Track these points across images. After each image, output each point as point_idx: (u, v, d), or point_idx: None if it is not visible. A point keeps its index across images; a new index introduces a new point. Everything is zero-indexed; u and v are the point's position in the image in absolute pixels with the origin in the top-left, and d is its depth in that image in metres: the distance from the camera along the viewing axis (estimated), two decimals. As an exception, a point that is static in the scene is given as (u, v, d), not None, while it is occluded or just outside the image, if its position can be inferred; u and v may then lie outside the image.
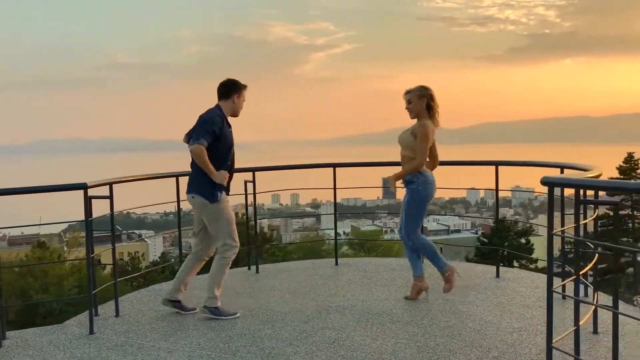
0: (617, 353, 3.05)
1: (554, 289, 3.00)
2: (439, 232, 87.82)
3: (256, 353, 3.89)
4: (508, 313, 4.60)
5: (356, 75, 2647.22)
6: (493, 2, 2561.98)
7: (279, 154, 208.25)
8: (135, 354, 3.97)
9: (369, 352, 3.84)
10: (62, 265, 23.11)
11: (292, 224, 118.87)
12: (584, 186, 2.81)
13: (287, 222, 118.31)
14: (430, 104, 4.92)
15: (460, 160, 5.80)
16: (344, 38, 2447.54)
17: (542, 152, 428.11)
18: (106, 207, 4.75)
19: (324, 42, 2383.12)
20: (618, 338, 3.09)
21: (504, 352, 3.77)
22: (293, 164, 6.54)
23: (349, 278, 5.95)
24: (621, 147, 49.49)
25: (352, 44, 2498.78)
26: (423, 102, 4.92)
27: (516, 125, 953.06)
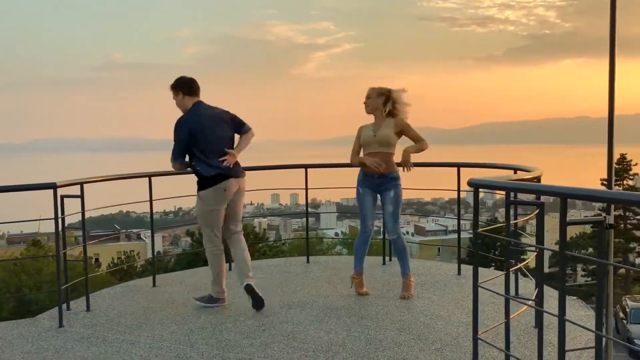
0: (542, 345, 3.26)
1: (480, 284, 3.20)
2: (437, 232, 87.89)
3: (213, 344, 4.10)
4: (460, 308, 4.81)
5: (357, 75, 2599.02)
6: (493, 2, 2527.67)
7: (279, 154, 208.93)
8: (99, 346, 4.17)
9: (319, 344, 4.05)
10: (56, 264, 23.28)
11: (291, 224, 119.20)
12: (505, 188, 3.01)
13: (287, 221, 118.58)
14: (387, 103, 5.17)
15: (422, 162, 6.00)
16: (345, 38, 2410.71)
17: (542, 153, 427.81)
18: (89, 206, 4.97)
19: (324, 41, 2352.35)
20: (543, 330, 3.30)
21: (446, 344, 3.98)
22: (265, 165, 6.72)
23: (317, 275, 6.16)
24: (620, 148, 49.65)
25: (353, 43, 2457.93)
26: (381, 100, 5.18)
27: (516, 126, 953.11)
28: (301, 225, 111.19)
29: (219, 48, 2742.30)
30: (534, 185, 2.73)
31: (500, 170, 5.30)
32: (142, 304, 5.25)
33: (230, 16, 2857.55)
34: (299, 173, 7.75)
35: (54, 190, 4.60)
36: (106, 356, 3.96)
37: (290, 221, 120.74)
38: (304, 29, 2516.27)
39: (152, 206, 5.90)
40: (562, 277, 2.55)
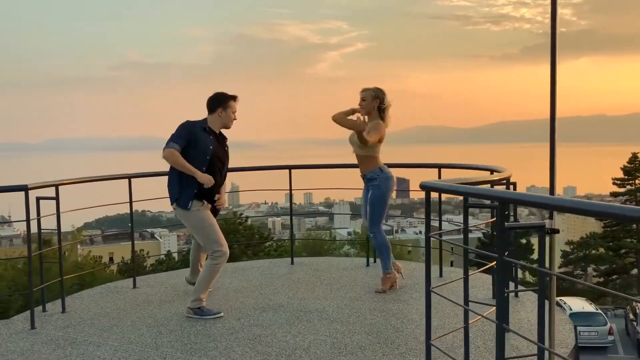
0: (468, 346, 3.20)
1: (432, 289, 3.15)
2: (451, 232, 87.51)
3: (177, 347, 4.08)
4: (434, 312, 4.72)
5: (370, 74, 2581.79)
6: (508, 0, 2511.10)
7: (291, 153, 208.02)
8: (65, 348, 4.17)
9: (283, 347, 4.01)
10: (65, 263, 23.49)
11: (305, 223, 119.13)
12: (454, 192, 2.95)
13: (300, 221, 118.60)
14: (381, 106, 5.23)
15: (405, 163, 5.95)
16: (358, 37, 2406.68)
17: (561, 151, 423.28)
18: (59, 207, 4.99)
19: (337, 41, 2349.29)
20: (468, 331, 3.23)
21: (411, 349, 3.92)
22: (250, 166, 6.69)
23: (299, 277, 6.12)
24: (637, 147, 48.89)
25: (366, 43, 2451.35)
26: (376, 103, 5.24)
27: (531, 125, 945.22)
28: (314, 224, 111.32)
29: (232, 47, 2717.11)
30: (476, 189, 2.67)
31: (476, 172, 5.23)
32: (119, 305, 5.25)
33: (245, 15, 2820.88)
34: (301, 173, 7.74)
35: (25, 193, 4.61)
36: (70, 358, 3.96)
37: (304, 220, 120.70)
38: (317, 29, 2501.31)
39: (132, 207, 5.90)
40: (502, 281, 2.49)
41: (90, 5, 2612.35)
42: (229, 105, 4.87)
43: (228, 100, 4.87)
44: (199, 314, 4.77)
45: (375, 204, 5.25)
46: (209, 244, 4.80)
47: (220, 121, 4.88)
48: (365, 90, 5.29)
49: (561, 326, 4.30)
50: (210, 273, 4.81)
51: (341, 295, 5.34)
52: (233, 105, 4.90)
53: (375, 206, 5.26)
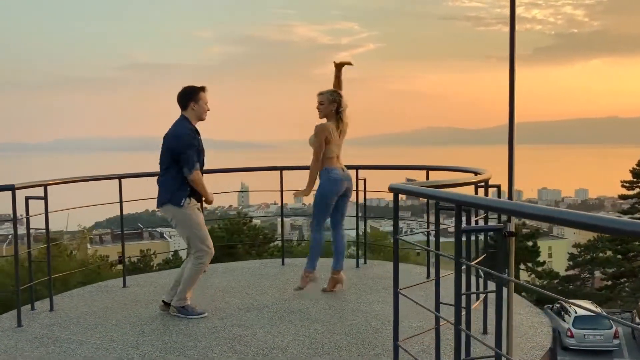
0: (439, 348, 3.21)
1: (399, 290, 3.17)
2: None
3: (157, 346, 4.13)
4: (414, 313, 4.73)
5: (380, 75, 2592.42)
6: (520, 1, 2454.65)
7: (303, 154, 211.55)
8: (48, 346, 4.24)
9: (262, 347, 4.06)
10: (71, 261, 23.73)
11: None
12: (418, 194, 2.98)
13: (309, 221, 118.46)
14: (339, 109, 5.30)
15: (391, 165, 5.97)
16: (368, 38, 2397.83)
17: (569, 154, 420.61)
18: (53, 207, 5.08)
19: (348, 42, 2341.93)
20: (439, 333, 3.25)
21: (387, 349, 3.95)
22: (241, 167, 6.75)
23: (287, 278, 6.15)
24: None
25: (376, 43, 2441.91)
26: (333, 107, 5.29)
27: (543, 126, 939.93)
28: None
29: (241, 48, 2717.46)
30: (435, 192, 2.70)
31: (460, 174, 5.24)
32: (106, 304, 5.32)
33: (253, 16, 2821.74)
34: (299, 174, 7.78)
35: (12, 192, 4.69)
36: (52, 356, 4.03)
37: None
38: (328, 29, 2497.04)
39: (122, 208, 5.97)
40: (458, 284, 2.52)
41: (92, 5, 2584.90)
42: (199, 97, 4.86)
43: (198, 93, 4.86)
44: (183, 313, 4.81)
45: (314, 203, 5.38)
46: (195, 242, 4.83)
47: (195, 115, 4.87)
48: (321, 93, 5.35)
49: (539, 329, 4.31)
50: (195, 272, 4.85)
51: (327, 296, 5.37)
52: (204, 96, 4.89)
53: (314, 205, 5.38)
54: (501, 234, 2.50)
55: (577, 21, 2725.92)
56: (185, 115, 4.86)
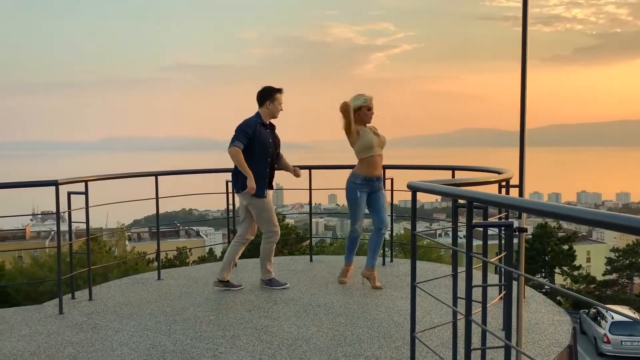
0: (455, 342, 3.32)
1: (417, 284, 3.30)
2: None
3: (188, 335, 4.36)
4: (437, 309, 4.87)
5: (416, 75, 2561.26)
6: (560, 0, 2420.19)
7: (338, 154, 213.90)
8: (87, 332, 4.51)
9: (286, 337, 4.23)
10: (109, 257, 24.41)
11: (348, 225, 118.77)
12: (440, 193, 3.11)
13: (343, 222, 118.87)
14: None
15: (417, 165, 6.07)
16: (404, 38, 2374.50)
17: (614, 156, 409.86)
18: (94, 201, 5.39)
19: (383, 42, 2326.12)
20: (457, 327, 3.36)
21: (407, 342, 4.07)
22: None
23: (314, 274, 6.33)
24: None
25: (412, 44, 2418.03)
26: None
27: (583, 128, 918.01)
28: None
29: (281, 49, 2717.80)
30: (450, 190, 2.82)
31: (485, 174, 5.31)
32: (141, 295, 5.58)
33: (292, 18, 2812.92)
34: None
35: (56, 187, 4.98)
36: (90, 341, 4.29)
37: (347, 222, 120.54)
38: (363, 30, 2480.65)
39: (158, 204, 6.22)
40: (469, 277, 2.64)
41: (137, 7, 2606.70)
42: (275, 97, 5.50)
43: (274, 94, 5.50)
44: (269, 285, 5.65)
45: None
46: (268, 225, 5.57)
47: (268, 112, 5.51)
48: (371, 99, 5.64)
49: (559, 327, 4.37)
50: (268, 249, 5.65)
51: (352, 291, 5.52)
52: (279, 97, 5.52)
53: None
54: (511, 230, 2.61)
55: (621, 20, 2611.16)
56: (259, 112, 5.50)
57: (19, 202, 47.20)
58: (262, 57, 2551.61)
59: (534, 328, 4.32)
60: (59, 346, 4.21)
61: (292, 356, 3.88)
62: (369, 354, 3.88)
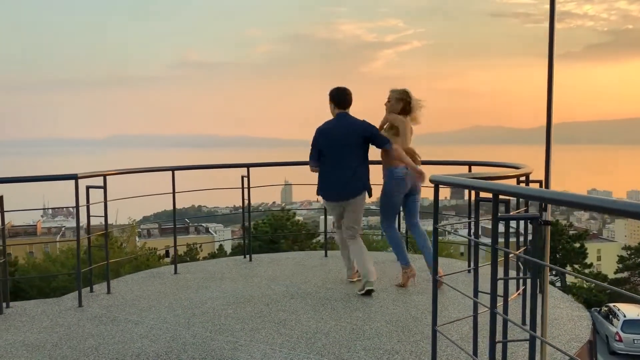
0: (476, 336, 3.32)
1: (438, 277, 3.30)
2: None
3: (207, 327, 4.38)
4: (456, 304, 4.87)
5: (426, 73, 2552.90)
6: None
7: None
8: (106, 324, 4.55)
9: (305, 331, 4.25)
10: (121, 253, 24.55)
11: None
12: (464, 186, 3.11)
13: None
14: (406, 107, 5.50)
15: (434, 160, 6.06)
16: (413, 35, 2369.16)
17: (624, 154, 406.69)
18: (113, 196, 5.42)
19: (392, 39, 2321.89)
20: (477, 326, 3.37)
21: (427, 336, 4.08)
22: (286, 161, 6.96)
23: (330, 268, 6.34)
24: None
25: (422, 41, 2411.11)
26: (399, 105, 5.47)
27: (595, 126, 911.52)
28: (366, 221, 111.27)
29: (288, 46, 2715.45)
30: (474, 182, 2.82)
31: (502, 169, 5.30)
32: (159, 288, 5.62)
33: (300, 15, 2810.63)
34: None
35: (75, 181, 5.02)
36: (110, 333, 4.32)
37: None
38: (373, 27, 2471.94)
39: (174, 199, 6.26)
40: (494, 270, 2.64)
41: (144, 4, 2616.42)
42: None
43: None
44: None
45: (379, 203, 5.59)
46: (359, 223, 5.41)
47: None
48: (393, 91, 5.56)
49: (579, 322, 4.36)
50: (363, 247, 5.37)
51: (368, 286, 5.52)
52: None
53: (380, 205, 5.58)
54: (537, 222, 2.60)
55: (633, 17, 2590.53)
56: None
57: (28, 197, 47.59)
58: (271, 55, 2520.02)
59: (553, 323, 4.32)
60: (80, 338, 4.25)
61: (312, 349, 3.89)
62: (388, 348, 3.89)
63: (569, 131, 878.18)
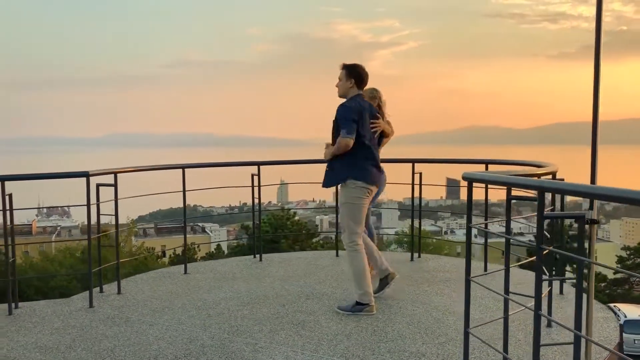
0: (507, 336, 3.22)
1: (472, 278, 3.21)
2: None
3: (224, 329, 4.27)
4: (475, 305, 4.77)
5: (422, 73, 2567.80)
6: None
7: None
8: (120, 325, 4.43)
9: (326, 333, 4.14)
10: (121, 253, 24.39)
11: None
12: (495, 182, 3.01)
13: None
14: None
15: (450, 159, 5.97)
16: (410, 35, 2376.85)
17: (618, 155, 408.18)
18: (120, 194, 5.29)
19: (388, 39, 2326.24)
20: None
21: (451, 339, 3.98)
22: (295, 159, 6.86)
23: (343, 268, 6.23)
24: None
25: (418, 41, 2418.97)
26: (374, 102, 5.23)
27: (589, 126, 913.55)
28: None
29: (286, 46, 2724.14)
30: (516, 179, 2.71)
31: (522, 167, 5.20)
32: (170, 289, 5.50)
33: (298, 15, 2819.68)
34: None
35: (86, 179, 4.90)
36: (125, 335, 4.20)
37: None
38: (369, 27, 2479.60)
39: (185, 197, 6.14)
40: (539, 270, 2.54)
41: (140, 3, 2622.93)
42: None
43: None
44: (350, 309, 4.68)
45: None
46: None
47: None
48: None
49: (605, 324, 4.27)
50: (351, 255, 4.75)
51: (384, 286, 5.41)
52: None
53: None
54: (583, 221, 2.51)
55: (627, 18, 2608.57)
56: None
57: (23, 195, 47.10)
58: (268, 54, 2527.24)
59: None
60: (94, 339, 4.13)
61: (335, 351, 3.79)
62: (413, 350, 3.79)
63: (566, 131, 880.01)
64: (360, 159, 4.64)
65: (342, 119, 4.59)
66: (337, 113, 4.66)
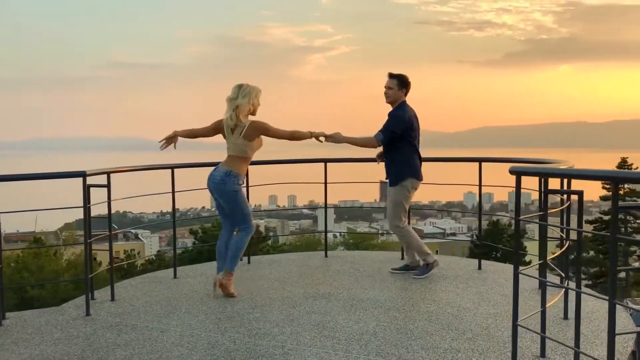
0: (579, 333, 3.27)
1: (521, 271, 3.22)
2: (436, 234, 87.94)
3: (244, 333, 4.10)
4: (486, 301, 4.82)
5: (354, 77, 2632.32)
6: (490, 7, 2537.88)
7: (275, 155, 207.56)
8: (129, 333, 4.18)
9: (350, 333, 4.06)
10: (59, 262, 23.30)
11: (289, 226, 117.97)
12: (550, 174, 3.03)
13: (284, 223, 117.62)
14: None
15: (444, 157, 6.01)
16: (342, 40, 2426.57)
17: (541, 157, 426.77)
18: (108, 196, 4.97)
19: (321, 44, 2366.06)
20: (580, 319, 3.32)
21: (477, 334, 3.99)
22: (284, 159, 6.74)
23: (337, 269, 6.16)
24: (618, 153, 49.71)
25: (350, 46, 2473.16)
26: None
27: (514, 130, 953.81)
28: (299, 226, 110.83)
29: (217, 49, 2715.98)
30: (583, 171, 2.74)
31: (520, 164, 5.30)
32: (166, 294, 5.26)
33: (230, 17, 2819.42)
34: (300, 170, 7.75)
35: (83, 179, 4.61)
36: (138, 343, 3.97)
37: (288, 222, 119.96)
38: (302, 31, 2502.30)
39: (174, 198, 5.89)
40: (614, 262, 2.57)
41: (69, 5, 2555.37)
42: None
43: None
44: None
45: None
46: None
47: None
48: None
49: (620, 321, 4.40)
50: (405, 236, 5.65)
51: (387, 285, 5.39)
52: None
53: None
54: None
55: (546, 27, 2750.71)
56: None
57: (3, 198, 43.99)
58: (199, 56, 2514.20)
59: (600, 321, 4.33)
60: (106, 349, 3.87)
61: (368, 350, 3.71)
62: (446, 347, 3.77)
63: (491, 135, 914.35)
64: (415, 159, 5.50)
65: (390, 125, 5.35)
66: (390, 119, 5.38)
